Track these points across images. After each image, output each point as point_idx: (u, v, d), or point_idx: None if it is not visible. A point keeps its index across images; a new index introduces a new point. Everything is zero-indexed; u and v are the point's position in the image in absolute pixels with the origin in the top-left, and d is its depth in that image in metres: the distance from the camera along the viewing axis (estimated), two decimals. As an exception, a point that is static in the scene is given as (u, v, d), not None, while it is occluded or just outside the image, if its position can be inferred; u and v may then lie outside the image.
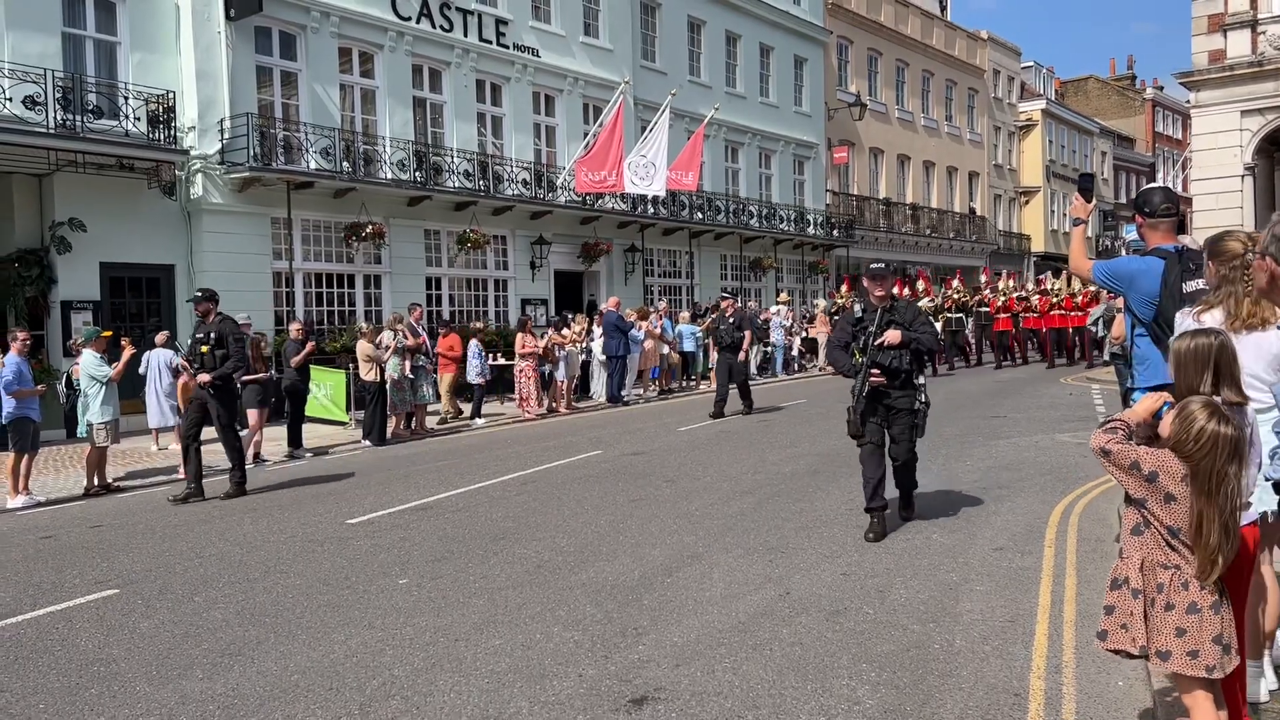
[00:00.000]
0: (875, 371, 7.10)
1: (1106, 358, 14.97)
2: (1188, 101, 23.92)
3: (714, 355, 22.71)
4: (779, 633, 5.23)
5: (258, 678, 4.86)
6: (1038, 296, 25.53)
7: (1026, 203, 47.72)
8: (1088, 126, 51.51)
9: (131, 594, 6.50)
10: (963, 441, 11.88)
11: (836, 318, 24.43)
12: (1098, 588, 5.84)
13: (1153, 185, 5.51)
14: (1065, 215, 47.40)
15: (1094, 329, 15.83)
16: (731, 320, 16.11)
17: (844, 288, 27.43)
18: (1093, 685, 4.41)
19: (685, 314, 23.32)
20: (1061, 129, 49.22)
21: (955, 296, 25.61)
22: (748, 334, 16.27)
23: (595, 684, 4.61)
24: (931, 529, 7.47)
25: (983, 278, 28.56)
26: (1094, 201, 5.63)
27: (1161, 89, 59.99)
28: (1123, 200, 54.62)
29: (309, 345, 14.00)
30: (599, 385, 19.57)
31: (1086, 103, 57.85)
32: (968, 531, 7.35)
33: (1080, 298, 23.91)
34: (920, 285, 26.22)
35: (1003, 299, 25.44)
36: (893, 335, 7.07)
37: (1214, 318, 3.83)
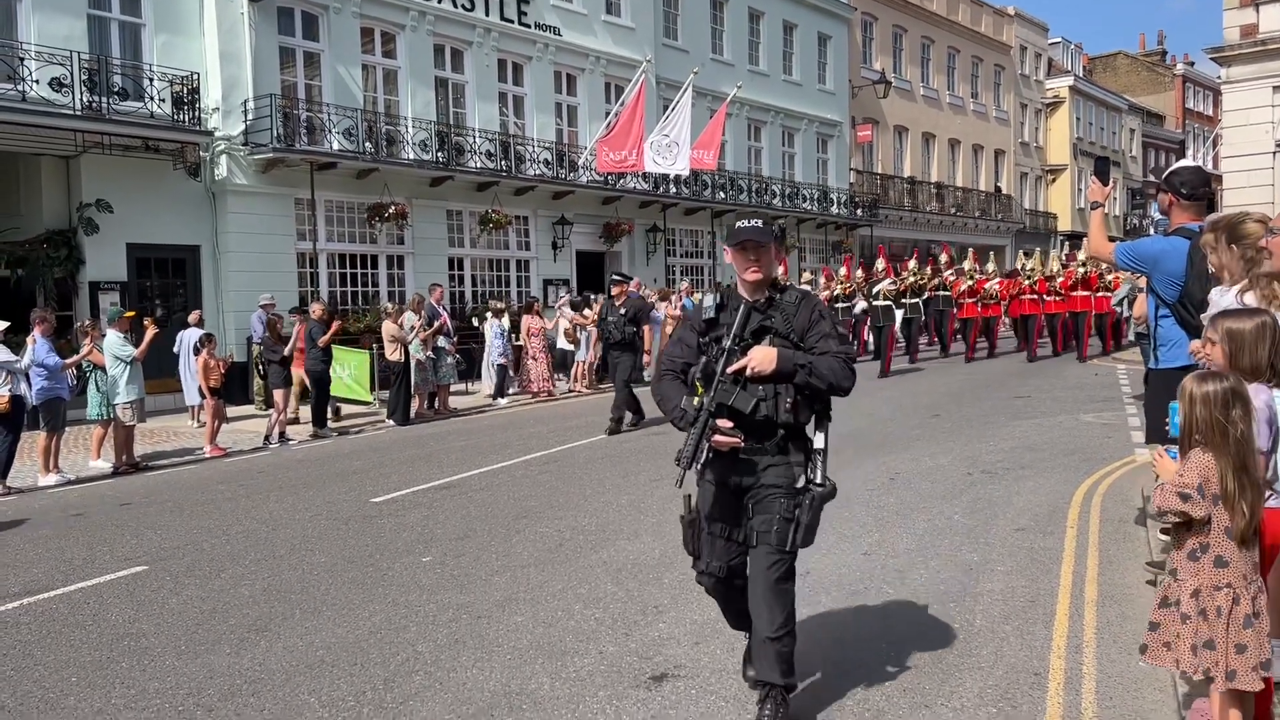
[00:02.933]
0: (727, 423, 3.76)
1: (1132, 338, 14.88)
2: (1219, 77, 23.53)
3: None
4: (799, 612, 5.23)
5: (284, 653, 4.94)
6: (998, 280, 21.70)
7: (1053, 181, 47.21)
8: (1116, 103, 50.79)
9: (160, 570, 6.60)
10: (985, 421, 11.83)
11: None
12: (1120, 568, 5.84)
13: (1183, 163, 5.43)
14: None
15: (1118, 309, 15.67)
16: (624, 311, 12.40)
17: (843, 270, 22.51)
18: (1113, 665, 4.41)
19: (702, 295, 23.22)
20: (1089, 106, 48.57)
21: (910, 279, 21.35)
22: (646, 330, 12.58)
23: (616, 661, 4.65)
24: (953, 510, 7.46)
25: (942, 257, 24.23)
26: (1110, 185, 5.57)
27: (1192, 64, 59.04)
28: (1151, 178, 53.95)
29: (335, 324, 14.06)
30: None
31: (1115, 79, 57.03)
32: (989, 512, 7.33)
33: (1061, 280, 20.45)
34: (879, 264, 21.14)
35: (968, 282, 21.61)
36: (761, 357, 3.71)
37: (1252, 300, 3.84)
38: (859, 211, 32.44)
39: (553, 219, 22.62)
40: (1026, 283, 21.26)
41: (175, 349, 14.36)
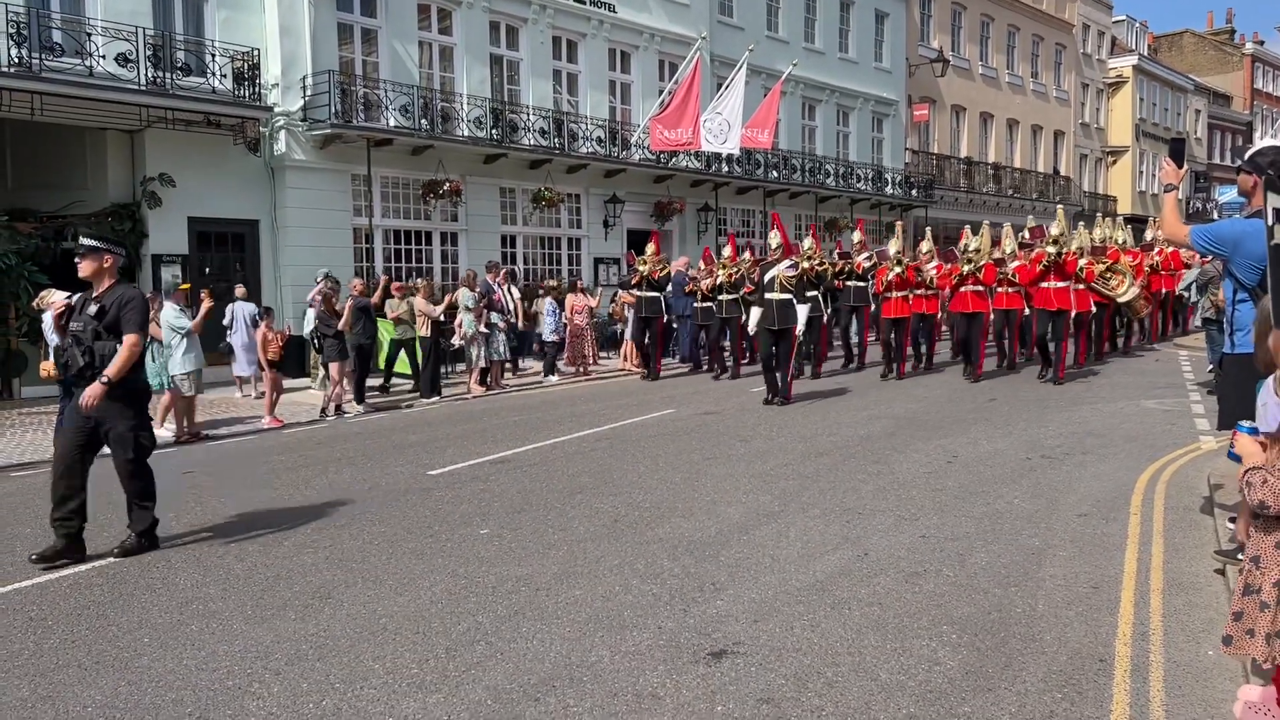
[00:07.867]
0: None
1: (1198, 323, 14.51)
2: (1292, 56, 22.76)
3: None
4: (857, 592, 5.23)
5: (348, 620, 5.02)
6: (933, 266, 15.82)
7: (1114, 163, 46.14)
8: (1181, 84, 49.42)
9: (225, 537, 6.75)
10: (1044, 406, 11.64)
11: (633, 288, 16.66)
12: (1187, 556, 5.73)
13: (1268, 143, 5.27)
14: (1155, 177, 45.79)
15: (1186, 294, 15.26)
16: (100, 307, 6.50)
17: (651, 247, 17.41)
18: (1181, 654, 4.33)
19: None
20: (1153, 86, 47.32)
21: (808, 264, 14.45)
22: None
23: (674, 636, 4.67)
24: (1013, 494, 7.36)
25: (855, 235, 18.67)
26: (1185, 167, 5.43)
27: (1262, 43, 57.33)
28: (1216, 160, 52.54)
29: (373, 299, 14.12)
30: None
31: (1181, 58, 55.49)
32: (1050, 497, 7.23)
33: (1012, 268, 14.32)
34: (775, 239, 13.38)
35: (897, 269, 15.33)
36: None
37: None
38: (914, 192, 31.97)
39: (604, 197, 22.60)
40: (968, 269, 14.67)
41: (225, 321, 14.61)
